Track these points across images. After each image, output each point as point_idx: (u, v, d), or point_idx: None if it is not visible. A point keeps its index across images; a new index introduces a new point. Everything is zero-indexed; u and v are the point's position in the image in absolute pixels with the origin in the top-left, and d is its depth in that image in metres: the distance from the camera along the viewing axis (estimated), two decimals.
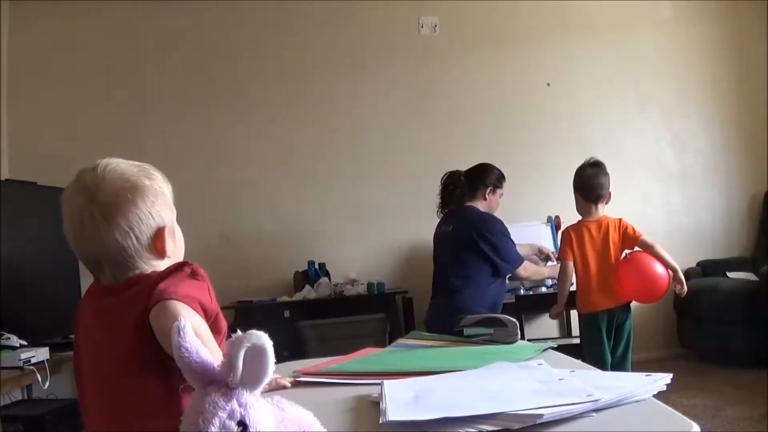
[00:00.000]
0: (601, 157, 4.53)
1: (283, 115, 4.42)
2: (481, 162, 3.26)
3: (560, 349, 1.49)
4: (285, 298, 3.99)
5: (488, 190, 3.16)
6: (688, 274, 4.49)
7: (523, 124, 4.58)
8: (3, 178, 3.66)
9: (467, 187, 3.15)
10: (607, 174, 3.04)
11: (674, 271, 2.85)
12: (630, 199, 4.63)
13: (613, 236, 2.95)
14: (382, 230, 4.41)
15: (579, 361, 1.40)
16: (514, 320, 1.67)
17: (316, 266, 4.12)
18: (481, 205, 3.14)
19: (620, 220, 3.01)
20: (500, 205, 3.11)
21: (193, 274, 1.05)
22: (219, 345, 0.98)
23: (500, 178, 3.21)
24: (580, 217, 3.06)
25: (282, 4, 4.44)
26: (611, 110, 4.69)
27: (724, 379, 3.66)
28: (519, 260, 3.10)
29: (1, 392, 3.00)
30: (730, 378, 3.65)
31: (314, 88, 4.45)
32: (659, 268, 2.86)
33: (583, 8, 4.69)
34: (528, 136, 4.55)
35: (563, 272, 3.02)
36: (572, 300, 3.07)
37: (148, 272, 1.06)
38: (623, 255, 2.96)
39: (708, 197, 4.75)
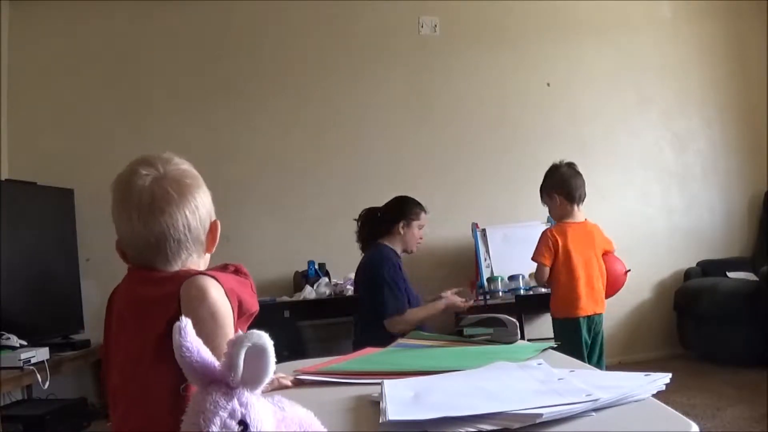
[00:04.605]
0: (601, 157, 4.61)
1: (283, 115, 4.42)
2: (398, 195, 3.13)
3: (560, 349, 1.49)
4: (285, 298, 3.99)
5: (401, 225, 3.03)
6: (688, 274, 4.52)
7: (523, 124, 4.57)
8: (3, 178, 3.65)
9: (383, 223, 3.05)
10: (581, 174, 2.94)
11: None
12: (630, 199, 4.65)
13: (599, 241, 2.89)
14: None
15: (579, 361, 1.40)
16: (514, 320, 1.67)
17: (316, 266, 4.11)
18: (396, 241, 3.05)
19: (597, 226, 2.95)
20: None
21: (237, 272, 1.09)
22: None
23: (414, 209, 3.06)
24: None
25: (281, 4, 4.44)
26: (611, 110, 4.69)
27: (724, 379, 3.65)
28: (396, 309, 2.88)
29: (1, 392, 3.01)
30: (730, 378, 3.64)
31: (314, 87, 4.45)
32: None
33: (583, 8, 4.69)
34: (528, 136, 4.54)
35: (539, 277, 2.86)
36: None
37: (188, 269, 1.08)
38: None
39: (708, 197, 4.75)
